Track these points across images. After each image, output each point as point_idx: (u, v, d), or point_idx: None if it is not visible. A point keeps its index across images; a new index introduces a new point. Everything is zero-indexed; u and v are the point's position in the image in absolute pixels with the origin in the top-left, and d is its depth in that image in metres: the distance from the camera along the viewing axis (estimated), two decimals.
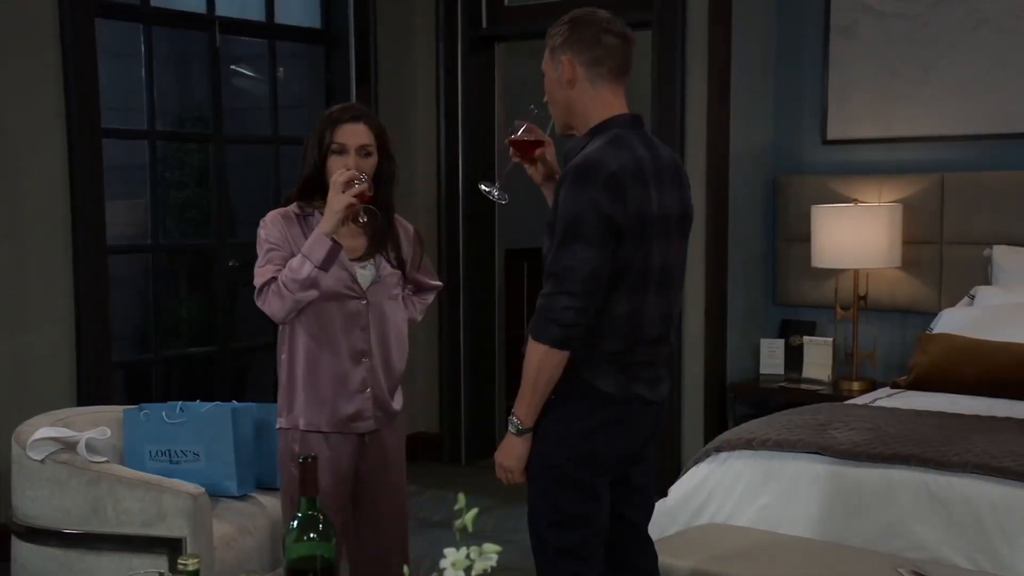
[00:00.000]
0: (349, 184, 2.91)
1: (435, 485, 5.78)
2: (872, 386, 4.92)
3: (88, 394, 4.82)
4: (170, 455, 3.43)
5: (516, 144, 2.83)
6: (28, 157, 4.69)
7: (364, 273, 3.09)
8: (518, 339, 6.89)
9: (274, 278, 2.94)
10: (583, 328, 2.54)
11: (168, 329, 5.89)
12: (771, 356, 5.39)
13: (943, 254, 5.03)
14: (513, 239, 6.65)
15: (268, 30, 5.76)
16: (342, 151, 2.99)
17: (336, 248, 2.92)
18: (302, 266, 2.90)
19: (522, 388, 2.62)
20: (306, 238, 2.98)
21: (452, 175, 6.19)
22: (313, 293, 2.94)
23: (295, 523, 1.78)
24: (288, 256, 2.97)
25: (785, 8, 5.48)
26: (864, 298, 5.11)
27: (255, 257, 3.08)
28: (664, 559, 3.12)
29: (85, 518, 3.14)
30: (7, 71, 4.61)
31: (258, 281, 2.98)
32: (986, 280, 4.80)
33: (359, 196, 2.93)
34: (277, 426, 3.07)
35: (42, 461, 3.22)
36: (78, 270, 4.83)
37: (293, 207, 3.06)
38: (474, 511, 1.53)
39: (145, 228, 5.50)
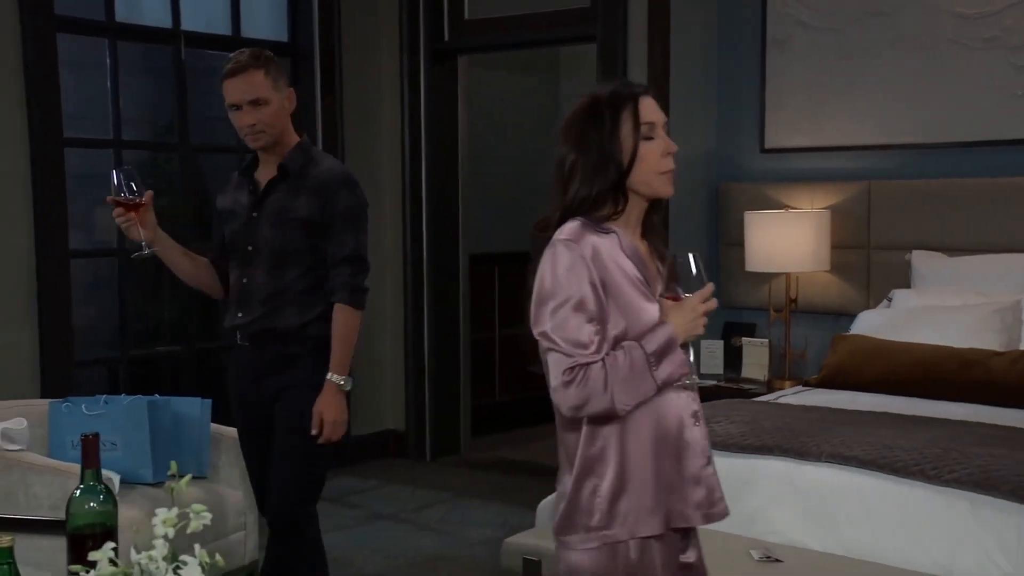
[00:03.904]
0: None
1: (396, 480, 6.01)
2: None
3: (52, 392, 5.06)
4: None
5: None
6: None
7: None
8: (485, 342, 7.14)
9: (594, 362, 2.15)
10: None
11: (148, 330, 6.16)
12: (711, 356, 5.57)
13: (870, 258, 5.19)
14: (476, 244, 6.86)
15: (234, 43, 6.00)
16: (653, 134, 2.23)
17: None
18: (644, 379, 2.15)
19: (344, 352, 3.25)
20: (614, 267, 2.20)
21: (416, 183, 6.41)
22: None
23: (78, 492, 1.99)
24: (598, 314, 2.17)
25: (724, 22, 5.66)
26: (795, 301, 5.28)
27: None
28: (546, 544, 3.33)
29: None
30: None
31: (567, 346, 2.15)
32: (908, 284, 4.96)
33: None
34: (588, 545, 2.22)
35: None
36: (41, 274, 5.09)
37: (579, 225, 2.21)
38: (187, 477, 1.74)
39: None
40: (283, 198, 3.29)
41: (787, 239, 5.13)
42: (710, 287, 2.24)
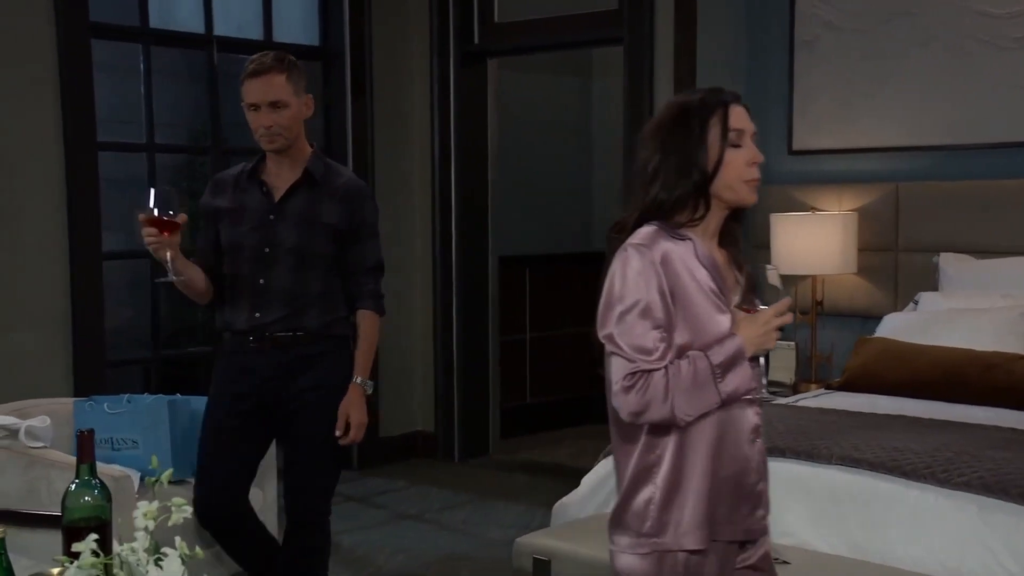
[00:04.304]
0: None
1: (423, 481, 6.05)
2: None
3: (84, 391, 5.14)
4: (112, 443, 3.75)
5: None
6: (27, 171, 5.05)
7: None
8: (516, 344, 7.15)
9: (657, 369, 2.14)
10: None
11: (181, 331, 6.25)
12: None
13: (898, 261, 5.16)
14: (508, 247, 6.90)
15: (266, 48, 6.06)
16: (741, 142, 2.23)
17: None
18: (707, 390, 2.14)
19: (370, 356, 3.34)
20: (685, 275, 2.18)
21: (445, 185, 6.45)
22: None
23: (73, 486, 2.05)
24: (665, 321, 2.16)
25: (752, 23, 5.65)
26: (822, 303, 5.26)
27: None
28: (556, 544, 3.36)
29: (22, 498, 3.45)
30: (6, 90, 4.98)
31: (631, 351, 2.14)
32: (936, 286, 4.92)
33: None
34: (639, 550, 2.21)
35: None
36: (74, 275, 5.18)
37: (653, 231, 2.21)
38: (169, 471, 1.78)
39: None
40: (307, 203, 3.34)
41: (814, 241, 5.11)
42: (786, 301, 2.23)
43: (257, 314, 3.34)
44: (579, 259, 7.51)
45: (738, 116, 2.24)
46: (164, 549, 1.76)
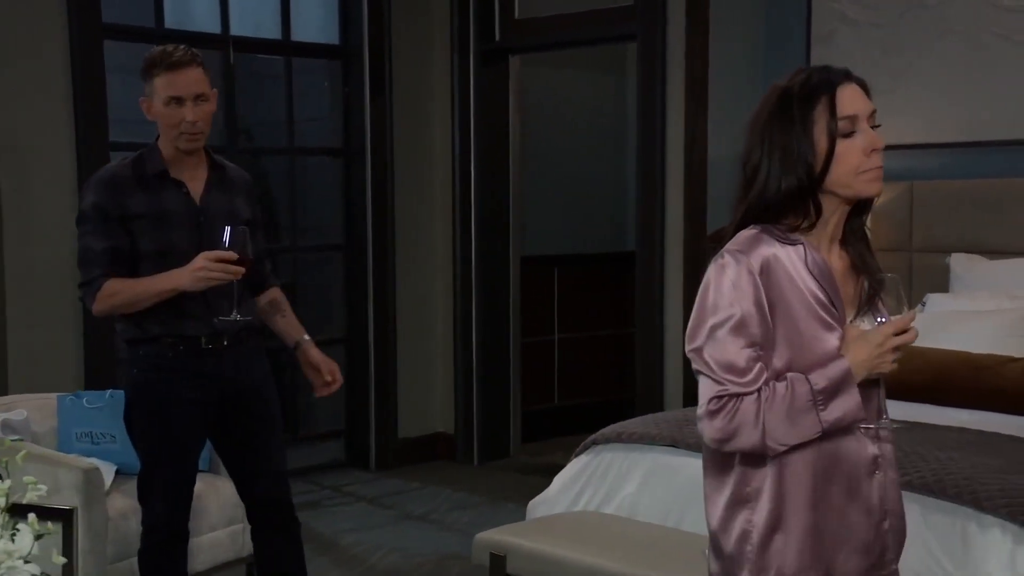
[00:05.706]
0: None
1: (437, 483, 6.02)
2: None
3: (94, 387, 5.20)
4: (92, 437, 3.80)
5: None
6: (39, 171, 5.13)
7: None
8: (543, 345, 7.09)
9: (748, 393, 1.92)
10: None
11: None
12: None
13: (912, 262, 5.02)
14: (535, 246, 6.85)
15: (284, 47, 6.10)
16: (853, 131, 1.97)
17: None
18: (805, 418, 1.91)
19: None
20: (789, 286, 1.96)
21: (465, 184, 6.42)
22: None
23: None
24: (761, 338, 1.94)
25: (770, 17, 5.56)
26: None
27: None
28: (512, 540, 3.33)
29: None
30: (19, 91, 5.05)
31: (720, 371, 1.93)
32: (947, 288, 4.78)
33: None
34: None
35: None
36: None
37: (754, 234, 1.99)
38: (24, 452, 1.78)
39: None
40: (223, 200, 3.30)
41: None
42: (909, 316, 1.95)
43: (216, 320, 3.26)
44: (611, 259, 7.44)
45: (848, 99, 1.96)
46: (19, 525, 1.79)
